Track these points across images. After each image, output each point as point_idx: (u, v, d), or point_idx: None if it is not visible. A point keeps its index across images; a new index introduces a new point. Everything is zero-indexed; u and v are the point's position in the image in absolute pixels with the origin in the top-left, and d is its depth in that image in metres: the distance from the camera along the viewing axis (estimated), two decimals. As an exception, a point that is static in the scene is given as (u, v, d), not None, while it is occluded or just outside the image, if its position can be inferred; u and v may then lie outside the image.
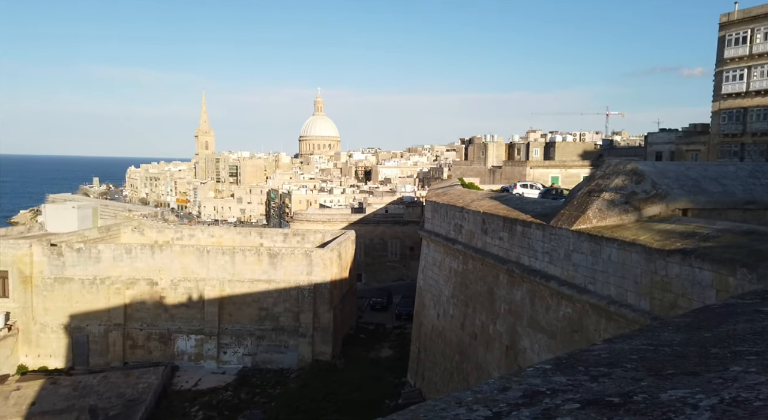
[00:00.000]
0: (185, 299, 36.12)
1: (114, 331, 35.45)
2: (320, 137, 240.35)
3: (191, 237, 46.16)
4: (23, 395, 28.40)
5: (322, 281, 35.63)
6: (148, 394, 29.22)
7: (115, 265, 35.93)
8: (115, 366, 34.72)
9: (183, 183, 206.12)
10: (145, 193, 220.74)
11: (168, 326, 35.80)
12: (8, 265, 35.92)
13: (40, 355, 35.45)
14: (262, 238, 45.48)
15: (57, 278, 35.87)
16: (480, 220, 21.78)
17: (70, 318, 35.68)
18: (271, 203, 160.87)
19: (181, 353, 35.57)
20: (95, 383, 30.37)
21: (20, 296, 35.87)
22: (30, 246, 36.12)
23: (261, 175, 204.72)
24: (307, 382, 31.60)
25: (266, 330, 35.62)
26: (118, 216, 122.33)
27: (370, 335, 41.34)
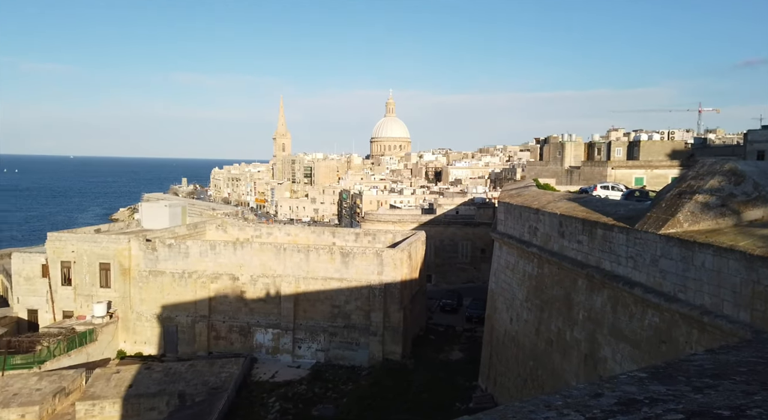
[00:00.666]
0: (263, 294, 37.87)
1: (200, 322, 37.92)
2: (391, 138, 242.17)
3: (269, 235, 48.33)
4: (122, 378, 31.13)
5: (392, 281, 35.94)
6: (229, 384, 30.95)
7: (201, 260, 38.40)
8: (200, 355, 37.15)
9: (261, 183, 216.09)
10: (227, 193, 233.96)
11: (248, 320, 37.72)
12: (110, 258, 39.55)
13: (136, 341, 38.72)
14: (335, 238, 46.66)
15: (151, 271, 38.95)
16: (557, 223, 20.98)
17: (161, 309, 38.62)
18: (343, 203, 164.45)
19: (259, 346, 37.38)
20: (183, 370, 32.64)
21: (120, 287, 39.37)
22: (129, 241, 39.50)
23: (334, 175, 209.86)
24: (378, 381, 32.00)
25: (338, 327, 36.51)
26: (203, 214, 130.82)
27: (440, 337, 41.10)
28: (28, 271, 41.34)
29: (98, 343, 36.49)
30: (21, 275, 41.63)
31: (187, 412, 28.21)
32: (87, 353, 35.32)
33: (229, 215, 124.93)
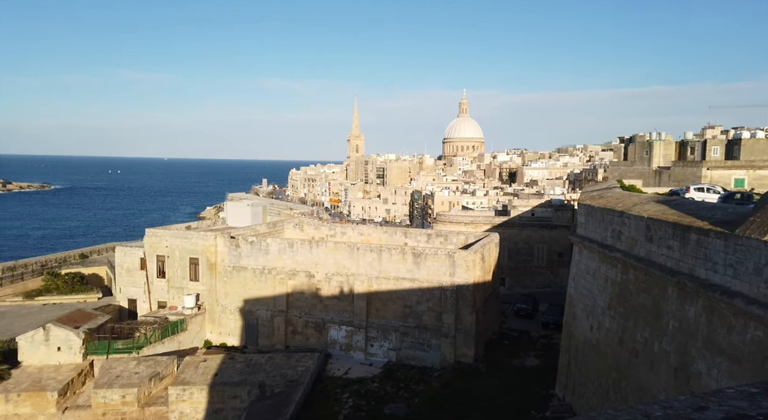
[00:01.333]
0: (337, 292, 38.88)
1: (278, 316, 39.66)
2: (464, 139, 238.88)
3: (343, 234, 49.50)
4: (208, 366, 33.31)
5: (464, 283, 35.50)
6: (305, 377, 32.11)
7: (279, 258, 40.14)
8: (278, 348, 38.85)
9: (336, 184, 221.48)
10: (303, 193, 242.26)
11: (322, 316, 38.91)
12: (199, 254, 42.41)
13: (221, 332, 41.23)
14: (407, 238, 46.87)
15: (234, 267, 41.28)
16: (644, 227, 19.71)
17: (243, 302, 40.83)
18: (415, 204, 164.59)
19: (333, 342, 38.44)
20: (263, 362, 34.31)
21: (207, 280, 42.10)
22: (215, 238, 42.12)
23: (405, 176, 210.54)
24: (450, 383, 31.76)
25: (410, 327, 36.65)
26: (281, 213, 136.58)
27: (514, 342, 39.99)
28: (129, 263, 45.35)
29: (188, 333, 39.26)
30: (123, 267, 45.77)
31: (267, 402, 29.62)
32: (178, 342, 38.13)
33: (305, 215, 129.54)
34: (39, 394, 30.52)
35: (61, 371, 33.01)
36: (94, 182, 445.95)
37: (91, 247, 76.67)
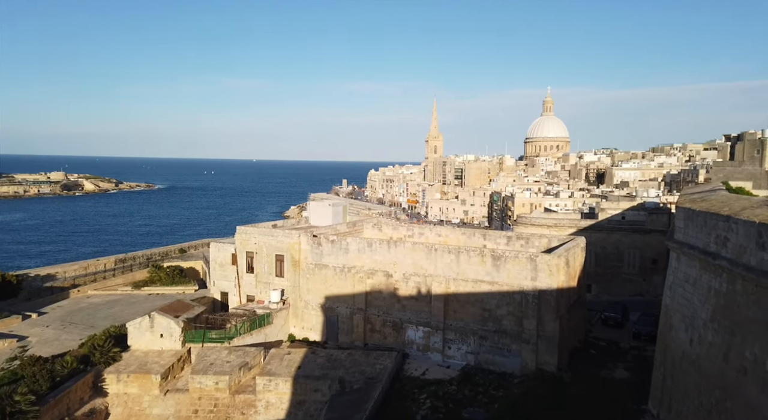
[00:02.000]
0: (415, 292, 39.03)
1: (357, 314, 40.59)
2: (548, 138, 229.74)
3: (421, 235, 49.61)
4: (292, 359, 34.87)
5: (547, 288, 34.19)
6: (384, 375, 32.58)
7: (359, 257, 41.05)
8: (357, 345, 39.76)
9: (413, 185, 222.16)
10: (381, 194, 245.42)
11: (400, 316, 39.25)
12: (284, 251, 44.48)
13: (303, 327, 42.97)
14: (485, 240, 45.99)
15: (316, 264, 42.82)
16: (755, 233, 17.88)
17: (325, 299, 42.25)
18: (494, 206, 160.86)
19: (410, 342, 38.65)
20: (343, 358, 35.29)
21: (291, 277, 44.06)
22: (299, 236, 43.95)
23: (484, 177, 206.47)
24: (531, 390, 30.73)
25: (488, 331, 35.94)
26: (360, 213, 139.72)
27: (602, 352, 37.84)
28: (222, 258, 48.59)
29: (273, 326, 41.32)
30: (216, 262, 49.12)
31: (347, 397, 30.45)
32: (265, 334, 40.26)
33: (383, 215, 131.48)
34: (145, 376, 33.62)
35: (163, 356, 36.13)
36: (191, 182, 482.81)
37: (189, 242, 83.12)
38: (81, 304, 52.53)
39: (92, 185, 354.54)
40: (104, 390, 33.76)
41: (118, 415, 33.04)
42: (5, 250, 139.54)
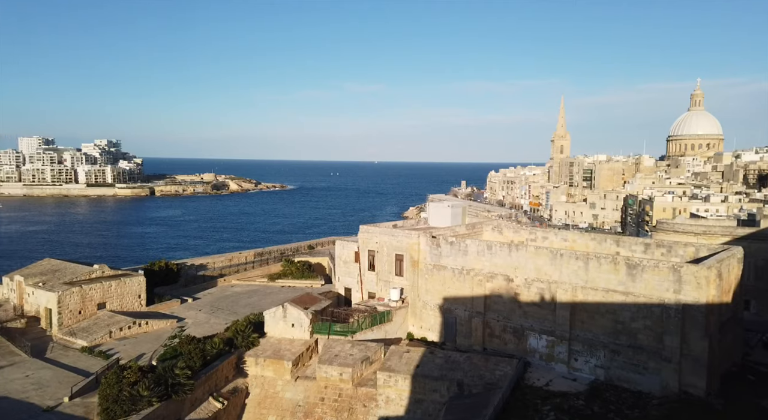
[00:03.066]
0: (537, 299, 37.37)
1: (476, 318, 40.02)
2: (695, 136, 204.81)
3: (544, 239, 47.32)
4: (411, 358, 35.54)
5: (693, 302, 30.50)
6: (504, 382, 31.73)
7: (478, 259, 40.43)
8: (475, 349, 39.20)
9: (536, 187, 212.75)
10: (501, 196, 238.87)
11: (521, 322, 37.87)
12: (403, 251, 45.45)
13: (422, 326, 43.52)
14: (619, 247, 42.46)
15: (435, 265, 43.06)
16: None
17: (443, 300, 42.33)
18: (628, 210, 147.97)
19: (532, 350, 37.09)
20: (461, 361, 35.07)
21: (410, 276, 44.87)
22: (418, 236, 44.57)
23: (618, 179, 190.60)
24: (672, 414, 27.64)
25: (621, 345, 33.10)
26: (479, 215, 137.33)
27: (763, 379, 32.74)
28: (346, 256, 51.13)
29: (393, 324, 42.47)
30: (341, 259, 51.82)
31: (466, 401, 30.22)
32: (385, 331, 41.56)
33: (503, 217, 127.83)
34: (278, 362, 36.72)
35: (294, 344, 39.11)
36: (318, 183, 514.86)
37: (316, 239, 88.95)
38: (226, 292, 59.01)
39: (236, 185, 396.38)
40: (245, 371, 37.54)
41: (256, 395, 36.52)
42: (168, 242, 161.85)
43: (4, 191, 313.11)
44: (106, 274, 50.57)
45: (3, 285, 53.41)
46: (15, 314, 48.27)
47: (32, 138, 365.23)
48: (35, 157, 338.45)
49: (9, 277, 52.48)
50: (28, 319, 46.98)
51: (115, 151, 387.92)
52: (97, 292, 47.59)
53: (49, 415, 29.33)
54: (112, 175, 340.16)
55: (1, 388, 32.29)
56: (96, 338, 42.69)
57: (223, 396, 34.66)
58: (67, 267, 52.00)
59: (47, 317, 45.95)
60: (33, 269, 52.28)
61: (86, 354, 40.32)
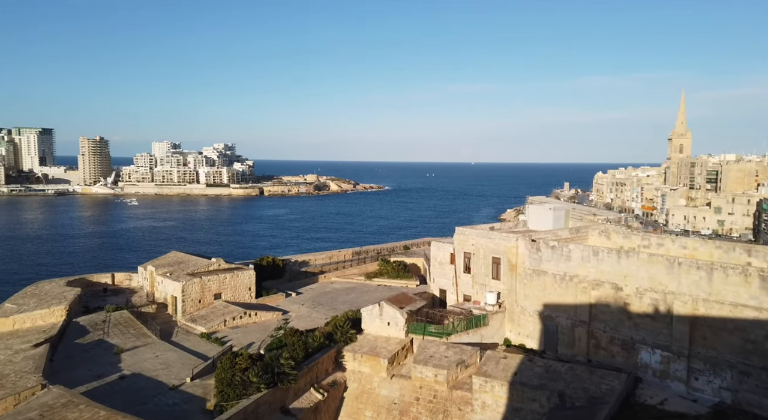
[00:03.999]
0: (650, 310, 34.44)
1: (579, 327, 37.84)
2: None
3: (659, 246, 43.50)
4: (508, 364, 34.54)
5: None
6: (611, 397, 29.66)
7: (582, 265, 38.19)
8: (579, 359, 37.07)
9: (650, 189, 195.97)
10: (610, 198, 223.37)
11: (631, 334, 35.14)
12: (501, 254, 44.29)
13: (519, 333, 42.09)
14: (751, 257, 37.77)
15: (534, 270, 41.42)
16: None
17: (543, 306, 40.57)
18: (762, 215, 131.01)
19: (644, 365, 34.22)
20: (563, 371, 33.37)
21: (507, 280, 43.60)
22: (516, 239, 43.19)
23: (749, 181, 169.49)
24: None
25: (753, 367, 29.38)
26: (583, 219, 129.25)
27: None
28: (441, 257, 51.00)
29: (489, 328, 41.58)
30: (436, 260, 51.80)
31: (568, 413, 28.72)
32: (480, 335, 40.82)
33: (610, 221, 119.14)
34: (375, 358, 37.64)
35: (390, 343, 39.84)
36: (414, 184, 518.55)
37: (412, 240, 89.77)
38: (326, 288, 61.72)
39: (336, 186, 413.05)
40: (343, 365, 39.00)
41: (353, 389, 37.78)
42: (274, 239, 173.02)
43: (140, 190, 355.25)
44: (222, 267, 55.31)
45: (138, 274, 60.65)
46: (147, 300, 54.57)
47: (162, 143, 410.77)
48: (165, 160, 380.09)
49: (143, 267, 59.47)
50: (158, 305, 52.84)
51: (230, 153, 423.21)
52: (214, 283, 52.26)
53: (174, 393, 32.76)
54: (227, 176, 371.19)
55: (137, 366, 36.67)
56: (213, 326, 46.88)
57: (323, 388, 36.29)
58: (189, 259, 57.73)
59: (173, 304, 51.36)
60: (162, 261, 58.73)
61: (204, 339, 44.43)
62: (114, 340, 41.65)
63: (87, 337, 42.11)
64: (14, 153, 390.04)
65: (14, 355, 35.94)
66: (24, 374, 31.96)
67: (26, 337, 39.93)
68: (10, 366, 33.80)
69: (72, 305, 46.88)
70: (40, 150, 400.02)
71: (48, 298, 48.41)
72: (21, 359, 35.00)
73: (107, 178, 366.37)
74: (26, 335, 40.64)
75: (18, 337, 40.47)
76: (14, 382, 30.72)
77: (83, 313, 48.73)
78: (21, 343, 38.39)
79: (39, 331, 41.68)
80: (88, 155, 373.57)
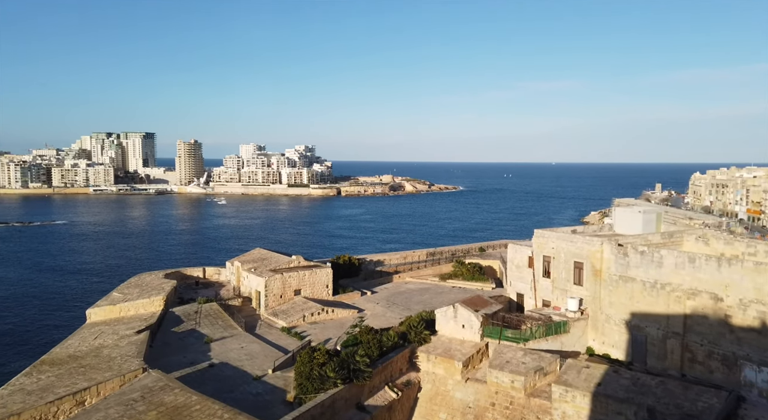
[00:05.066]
0: (756, 324, 31.25)
1: (672, 338, 35.14)
2: None
3: (767, 254, 39.26)
4: (591, 374, 32.80)
5: None
6: (709, 416, 27.22)
7: (676, 273, 35.44)
8: (671, 374, 34.42)
9: (757, 191, 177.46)
10: (708, 201, 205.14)
11: (733, 349, 32.06)
12: (583, 258, 42.18)
13: (604, 342, 39.83)
14: None
15: (621, 276, 39.02)
16: None
17: (630, 315, 38.12)
18: None
19: (748, 384, 31.04)
20: (653, 385, 31.14)
21: (591, 286, 41.43)
22: (601, 243, 40.94)
23: None
24: None
25: None
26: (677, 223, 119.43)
27: None
28: (518, 260, 49.55)
29: (570, 335, 39.76)
30: (513, 263, 50.40)
31: (656, 430, 26.76)
32: (561, 342, 39.14)
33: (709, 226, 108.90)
34: (449, 361, 37.35)
35: (465, 345, 39.35)
36: (491, 185, 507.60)
37: (487, 242, 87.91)
38: (400, 288, 62.17)
39: (411, 186, 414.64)
40: (417, 365, 39.09)
41: (427, 390, 37.75)
42: (350, 238, 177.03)
43: (228, 190, 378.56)
44: (301, 264, 57.53)
45: (226, 268, 64.68)
46: (234, 294, 58.03)
47: (249, 145, 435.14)
48: (251, 161, 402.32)
49: (230, 262, 63.33)
50: (243, 298, 56.03)
51: (310, 155, 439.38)
52: (294, 279, 54.50)
53: (257, 383, 34.60)
54: (307, 177, 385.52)
55: (224, 356, 39.14)
56: (292, 320, 48.91)
57: (398, 387, 36.60)
58: (272, 256, 60.64)
59: (257, 298, 54.23)
60: (247, 257, 62.20)
61: (285, 333, 46.47)
62: (204, 330, 44.73)
63: (181, 326, 45.59)
64: (122, 155, 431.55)
65: (120, 340, 39.74)
66: (128, 358, 35.23)
67: (130, 324, 43.99)
68: (117, 350, 37.41)
69: (169, 296, 50.98)
70: (143, 152, 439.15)
71: (148, 289, 53.03)
72: (125, 344, 38.62)
73: (200, 179, 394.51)
74: (130, 322, 44.77)
75: (123, 323, 44.70)
76: (120, 365, 33.97)
77: (178, 303, 52.82)
78: (125, 329, 42.35)
79: (141, 318, 45.75)
80: (184, 157, 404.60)
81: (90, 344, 39.27)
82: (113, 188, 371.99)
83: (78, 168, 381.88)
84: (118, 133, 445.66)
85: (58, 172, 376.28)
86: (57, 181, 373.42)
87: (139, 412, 27.59)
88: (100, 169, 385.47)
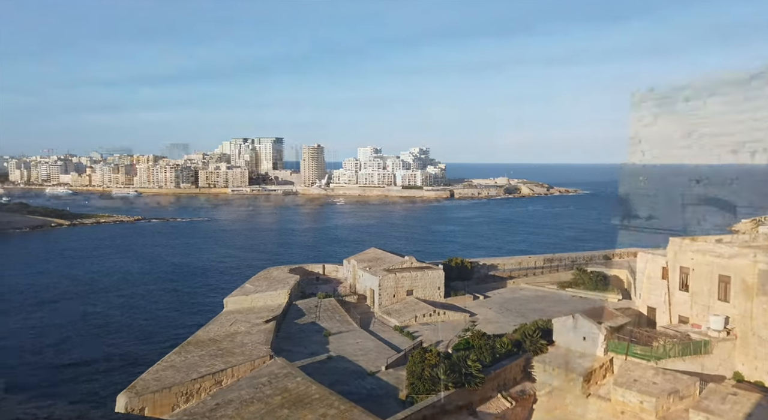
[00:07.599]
0: None
1: None
2: None
3: None
4: (738, 402, 28.81)
5: None
6: None
7: None
8: None
9: None
10: None
11: None
12: (730, 272, 37.17)
13: (756, 368, 34.71)
14: None
15: (781, 294, 33.74)
16: None
17: (792, 340, 32.79)
18: None
19: None
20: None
21: (740, 303, 36.35)
22: (754, 255, 35.80)
23: None
24: None
25: None
26: None
27: None
28: (650, 271, 45.17)
29: (712, 357, 35.30)
30: (643, 273, 46.06)
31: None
32: (701, 364, 34.92)
33: None
34: (568, 374, 35.30)
35: (585, 359, 36.88)
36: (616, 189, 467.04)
37: (614, 249, 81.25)
38: (515, 294, 60.08)
39: (528, 189, 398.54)
40: (532, 376, 37.50)
41: (543, 403, 36.04)
42: (463, 241, 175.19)
43: (346, 191, 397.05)
44: (414, 265, 58.32)
45: (343, 266, 67.88)
46: (350, 291, 60.68)
47: (366, 148, 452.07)
48: (367, 164, 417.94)
49: (347, 260, 66.33)
50: (358, 296, 58.36)
51: (424, 157, 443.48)
52: (406, 280, 55.46)
53: (371, 379, 35.82)
54: (421, 179, 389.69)
55: (341, 350, 41.12)
56: (405, 320, 49.79)
57: (511, 396, 35.45)
58: (385, 256, 62.32)
59: (371, 296, 56.12)
60: (363, 256, 64.64)
61: (397, 332, 47.47)
62: (324, 324, 47.42)
63: (303, 319, 48.83)
64: (255, 159, 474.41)
65: (251, 328, 43.71)
66: (257, 345, 38.64)
67: (260, 314, 48.18)
68: (249, 337, 41.21)
69: (293, 290, 54.92)
70: (273, 156, 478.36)
71: (275, 282, 57.60)
72: (256, 332, 42.38)
73: (321, 181, 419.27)
74: (260, 312, 49.03)
75: (254, 313, 49.09)
76: (251, 351, 37.38)
77: (300, 297, 56.65)
78: (256, 318, 46.47)
79: (268, 309, 49.88)
80: (308, 160, 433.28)
81: (227, 330, 43.76)
82: (248, 189, 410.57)
83: (219, 170, 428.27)
84: (252, 139, 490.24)
85: (204, 174, 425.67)
86: (202, 182, 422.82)
87: (267, 395, 30.11)
88: (237, 171, 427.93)
